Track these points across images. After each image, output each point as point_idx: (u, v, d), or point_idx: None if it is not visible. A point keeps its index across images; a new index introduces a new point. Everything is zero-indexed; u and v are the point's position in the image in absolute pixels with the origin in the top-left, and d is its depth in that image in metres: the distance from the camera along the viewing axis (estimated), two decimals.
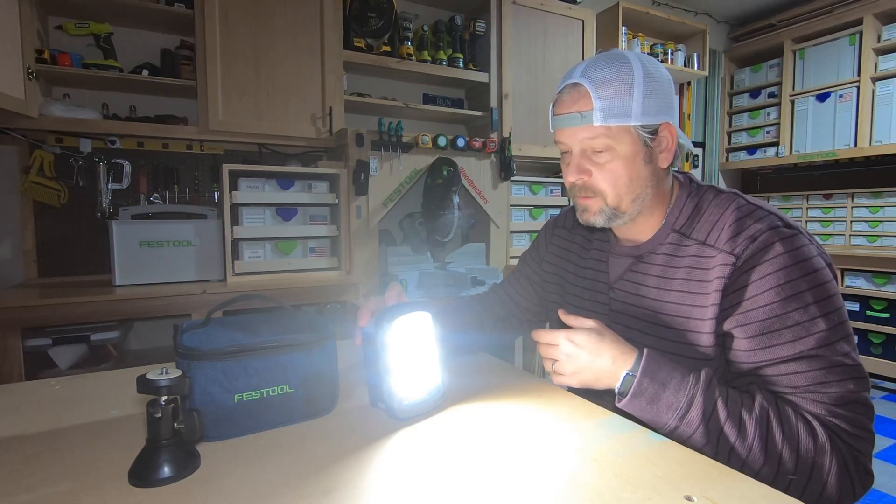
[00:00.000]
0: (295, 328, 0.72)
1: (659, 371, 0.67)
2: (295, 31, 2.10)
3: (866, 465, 0.64)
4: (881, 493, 1.85)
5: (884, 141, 3.07)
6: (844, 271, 3.03)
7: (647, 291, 0.80)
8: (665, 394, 0.66)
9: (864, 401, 0.65)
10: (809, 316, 0.65)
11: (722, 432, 0.63)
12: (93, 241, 2.01)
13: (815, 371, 0.64)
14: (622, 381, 0.68)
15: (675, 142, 0.78)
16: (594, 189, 0.78)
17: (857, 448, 0.64)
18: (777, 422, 0.63)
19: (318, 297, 1.97)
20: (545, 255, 1.04)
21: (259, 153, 2.29)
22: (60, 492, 0.52)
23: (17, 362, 1.54)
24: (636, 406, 0.67)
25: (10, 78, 1.60)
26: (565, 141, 0.79)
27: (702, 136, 3.90)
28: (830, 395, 0.64)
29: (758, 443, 0.62)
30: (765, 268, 0.68)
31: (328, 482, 0.54)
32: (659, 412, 0.66)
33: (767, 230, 0.70)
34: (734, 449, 0.63)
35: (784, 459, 0.62)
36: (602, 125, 0.73)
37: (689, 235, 0.78)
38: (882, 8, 3.03)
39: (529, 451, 0.61)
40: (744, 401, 0.65)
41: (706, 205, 0.79)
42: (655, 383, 0.66)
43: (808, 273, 0.67)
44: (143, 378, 0.54)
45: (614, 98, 0.72)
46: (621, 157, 0.75)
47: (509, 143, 2.37)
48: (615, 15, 3.00)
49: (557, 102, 0.79)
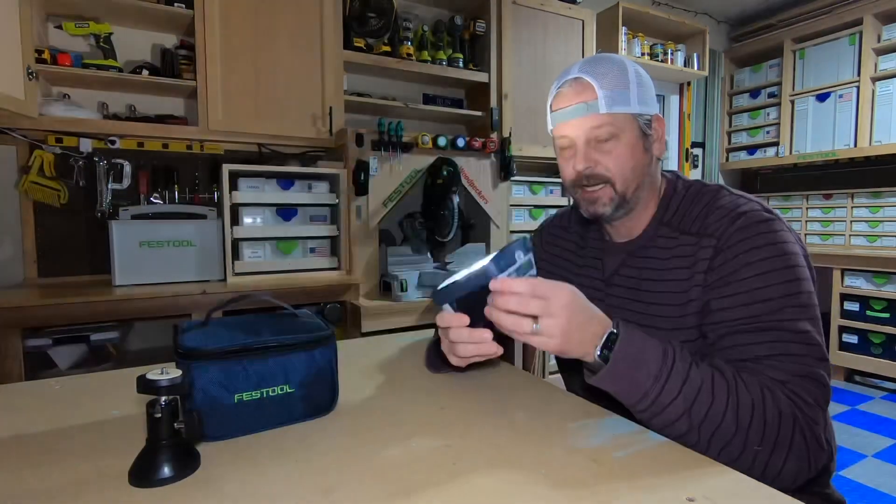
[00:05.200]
0: (295, 328, 0.72)
1: (638, 337, 0.65)
2: (295, 31, 2.10)
3: (819, 436, 0.65)
4: (881, 493, 1.85)
5: (884, 141, 3.07)
6: (844, 271, 3.03)
7: (642, 285, 0.82)
8: (646, 359, 0.63)
9: (822, 379, 0.67)
10: (778, 293, 0.69)
11: (696, 400, 0.63)
12: (93, 241, 2.01)
13: (778, 343, 0.67)
14: (604, 342, 0.64)
15: (664, 132, 0.84)
16: (601, 177, 0.80)
17: (813, 418, 0.65)
18: (745, 389, 0.64)
19: (318, 297, 1.97)
20: (541, 254, 1.06)
21: (259, 153, 2.29)
22: (60, 492, 0.52)
23: (17, 362, 1.54)
24: (617, 374, 0.63)
25: (10, 78, 1.60)
26: (569, 134, 0.81)
27: (702, 136, 3.89)
28: (792, 365, 0.66)
29: (731, 410, 0.63)
30: (740, 246, 0.72)
31: (328, 482, 0.54)
32: (639, 380, 0.63)
33: (746, 213, 0.74)
34: (708, 416, 0.62)
35: (753, 426, 0.62)
36: (607, 113, 0.77)
37: (677, 227, 0.81)
38: (882, 8, 3.04)
39: (529, 450, 0.61)
40: (714, 371, 0.66)
41: (693, 197, 0.82)
42: (637, 347, 0.64)
43: (782, 254, 0.71)
44: (143, 378, 0.54)
45: (615, 88, 0.77)
46: (625, 144, 0.79)
47: (509, 143, 2.37)
48: (615, 15, 3.00)
49: (557, 98, 0.82)
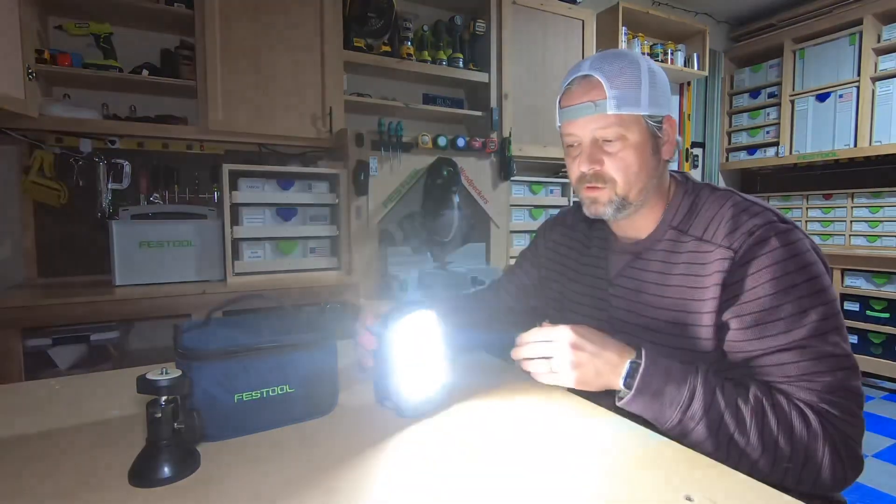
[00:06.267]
0: (295, 328, 0.72)
1: (661, 364, 0.67)
2: (295, 31, 2.09)
3: (856, 450, 0.65)
4: (881, 493, 1.85)
5: (884, 141, 3.07)
6: (844, 271, 3.03)
7: (647, 287, 0.81)
8: (668, 388, 0.66)
9: (853, 389, 0.66)
10: (802, 308, 0.67)
11: (722, 423, 0.64)
12: (93, 241, 2.01)
13: (806, 361, 0.66)
14: (627, 372, 0.68)
15: (675, 134, 0.81)
16: (605, 178, 0.79)
17: (847, 433, 0.65)
18: (772, 410, 0.64)
19: (318, 297, 1.97)
20: (544, 252, 1.05)
21: (259, 153, 2.29)
22: (60, 492, 0.52)
23: (17, 362, 1.54)
24: (640, 402, 0.67)
25: (10, 78, 1.60)
26: (576, 132, 0.80)
27: (702, 137, 3.89)
28: (821, 383, 0.65)
29: (755, 432, 0.63)
30: (761, 261, 0.69)
31: (328, 482, 0.54)
32: (662, 407, 0.66)
33: (764, 225, 0.72)
34: (733, 439, 0.64)
35: (780, 447, 0.63)
36: (615, 114, 0.75)
37: (686, 232, 0.79)
38: (882, 8, 3.03)
39: (529, 450, 0.61)
40: (739, 391, 0.66)
41: (703, 202, 0.80)
42: (660, 375, 0.66)
43: (802, 267, 0.69)
44: (143, 378, 0.54)
45: (625, 88, 0.75)
46: (632, 146, 0.77)
47: (509, 143, 2.37)
48: (615, 15, 3.00)
49: (566, 95, 0.80)
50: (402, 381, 0.70)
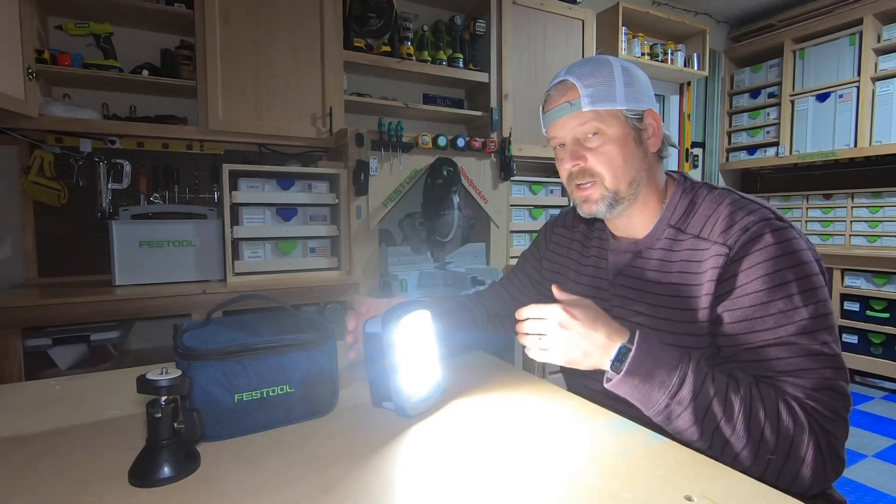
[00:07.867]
0: (295, 328, 0.72)
1: (652, 349, 0.68)
2: (295, 31, 2.09)
3: (839, 450, 0.65)
4: (881, 493, 1.85)
5: (884, 141, 3.07)
6: (844, 271, 3.03)
7: (646, 286, 0.82)
8: (658, 371, 0.66)
9: (840, 389, 0.66)
10: (793, 305, 0.67)
11: (709, 410, 0.64)
12: (93, 241, 2.01)
13: (795, 357, 0.66)
14: (616, 355, 0.68)
15: (661, 127, 0.83)
16: (591, 173, 0.81)
17: (832, 432, 0.65)
18: (760, 400, 0.65)
19: (318, 297, 1.97)
20: (545, 252, 1.05)
21: (259, 153, 2.29)
22: (60, 492, 0.52)
23: (17, 362, 1.54)
24: (629, 384, 0.67)
25: (10, 78, 1.60)
26: (558, 134, 0.83)
27: (702, 136, 3.89)
28: (809, 380, 0.66)
29: (742, 421, 0.63)
30: (755, 257, 0.70)
31: (328, 482, 0.54)
32: (651, 390, 0.66)
33: (759, 222, 0.72)
34: (719, 427, 0.64)
35: (766, 437, 0.63)
36: (590, 109, 0.78)
37: (684, 230, 0.80)
38: (882, 8, 3.03)
39: (529, 450, 0.61)
40: (729, 381, 0.67)
41: (700, 200, 0.81)
42: (650, 359, 0.67)
43: (796, 264, 0.69)
44: (143, 378, 0.54)
45: (598, 85, 0.79)
46: (612, 139, 0.79)
47: (509, 143, 2.37)
48: (615, 15, 3.00)
49: (547, 101, 0.85)
50: (402, 380, 0.70)
